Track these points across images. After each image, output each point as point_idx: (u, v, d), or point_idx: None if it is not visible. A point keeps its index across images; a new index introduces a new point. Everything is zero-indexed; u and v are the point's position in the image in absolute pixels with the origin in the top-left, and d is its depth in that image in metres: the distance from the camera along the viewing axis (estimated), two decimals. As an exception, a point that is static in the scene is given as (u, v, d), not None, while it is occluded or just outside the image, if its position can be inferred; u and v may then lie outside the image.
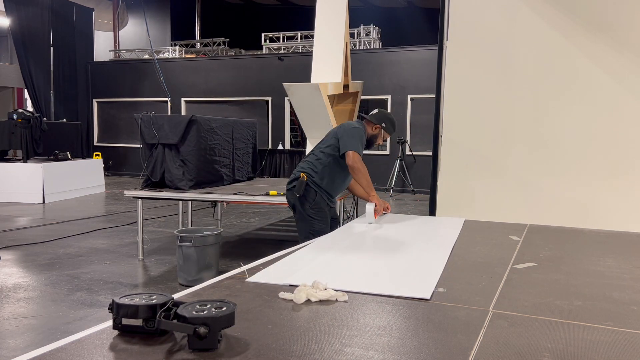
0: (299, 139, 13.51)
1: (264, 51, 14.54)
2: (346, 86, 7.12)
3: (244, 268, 2.01)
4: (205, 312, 1.27)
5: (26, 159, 9.85)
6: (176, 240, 4.66)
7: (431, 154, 4.66)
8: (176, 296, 1.62)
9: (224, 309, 1.29)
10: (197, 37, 18.04)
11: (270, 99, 13.51)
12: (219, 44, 15.60)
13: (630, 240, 2.86)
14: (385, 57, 12.49)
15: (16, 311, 3.95)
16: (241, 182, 6.28)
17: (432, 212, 4.57)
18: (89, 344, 1.30)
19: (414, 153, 11.84)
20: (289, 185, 3.64)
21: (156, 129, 5.41)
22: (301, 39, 14.27)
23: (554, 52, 4.22)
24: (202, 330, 1.21)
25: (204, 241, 4.61)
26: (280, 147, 13.00)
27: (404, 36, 14.18)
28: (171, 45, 16.38)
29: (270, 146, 13.05)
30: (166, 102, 14.22)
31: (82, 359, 1.22)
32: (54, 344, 1.30)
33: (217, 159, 5.82)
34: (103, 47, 17.11)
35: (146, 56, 15.36)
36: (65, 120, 12.98)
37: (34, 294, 4.38)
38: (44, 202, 9.49)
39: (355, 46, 13.22)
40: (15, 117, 9.83)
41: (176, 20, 18.16)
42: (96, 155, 11.79)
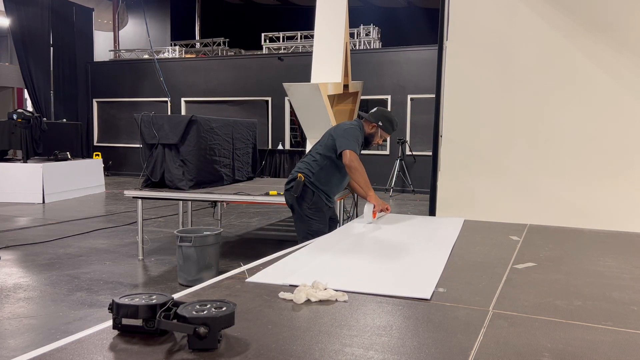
0: (299, 139, 13.50)
1: (264, 51, 14.54)
2: (346, 86, 7.11)
3: (244, 268, 2.01)
4: (205, 312, 1.27)
5: (26, 159, 9.85)
6: (176, 240, 4.66)
7: (431, 154, 4.66)
8: (176, 296, 1.62)
9: (224, 309, 1.29)
10: (197, 37, 18.03)
11: (270, 99, 13.51)
12: (219, 44, 15.60)
13: (630, 240, 2.86)
14: (385, 57, 12.49)
15: (16, 311, 3.95)
16: (241, 182, 6.27)
17: (432, 212, 4.57)
18: (89, 344, 1.30)
19: (414, 153, 11.84)
20: (287, 186, 3.66)
21: (156, 129, 5.41)
22: (301, 39, 14.27)
23: (554, 52, 4.22)
24: (202, 330, 1.21)
25: (204, 241, 4.62)
26: (280, 147, 13.00)
27: (404, 36, 14.18)
28: (171, 45, 16.37)
29: (270, 146, 13.05)
30: (166, 102, 14.22)
31: (82, 359, 1.22)
32: (54, 344, 1.30)
33: (217, 159, 5.82)
34: (103, 47, 17.10)
35: (146, 56, 15.35)
36: (65, 120, 12.98)
37: (34, 294, 4.38)
38: (44, 202, 9.48)
39: (355, 46, 13.22)
40: (15, 117, 9.83)
41: (176, 20, 18.16)
42: (96, 155, 11.79)
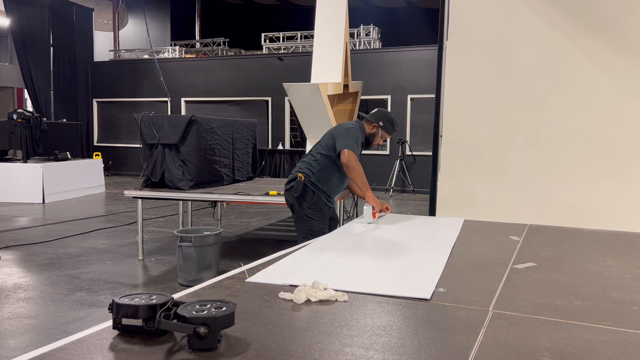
0: (299, 139, 13.50)
1: (264, 51, 14.54)
2: (346, 86, 7.11)
3: (244, 268, 2.01)
4: (205, 312, 1.26)
5: (26, 159, 9.85)
6: (176, 240, 4.66)
7: (431, 154, 4.66)
8: (176, 296, 1.62)
9: (224, 309, 1.29)
10: (197, 37, 18.03)
11: (270, 99, 13.51)
12: (218, 44, 15.60)
13: (630, 240, 2.86)
14: (385, 57, 12.49)
15: (16, 311, 3.95)
16: (241, 182, 6.28)
17: (432, 212, 4.57)
18: (88, 344, 1.30)
19: (414, 153, 11.84)
20: (287, 186, 3.67)
21: (156, 129, 5.41)
22: (301, 39, 14.26)
23: (554, 52, 4.22)
24: (202, 330, 1.21)
25: (204, 241, 4.62)
26: (280, 147, 13.00)
27: (404, 36, 14.18)
28: (171, 45, 16.38)
29: (270, 146, 13.05)
30: (166, 102, 14.22)
31: (82, 359, 1.22)
32: (54, 344, 1.29)
33: (217, 159, 5.82)
34: (103, 47, 17.10)
35: (146, 56, 15.35)
36: (65, 120, 12.98)
37: (34, 294, 4.38)
38: (43, 202, 9.48)
39: (355, 46, 13.21)
40: (15, 117, 9.83)
41: (176, 20, 18.16)
42: (96, 155, 11.79)
